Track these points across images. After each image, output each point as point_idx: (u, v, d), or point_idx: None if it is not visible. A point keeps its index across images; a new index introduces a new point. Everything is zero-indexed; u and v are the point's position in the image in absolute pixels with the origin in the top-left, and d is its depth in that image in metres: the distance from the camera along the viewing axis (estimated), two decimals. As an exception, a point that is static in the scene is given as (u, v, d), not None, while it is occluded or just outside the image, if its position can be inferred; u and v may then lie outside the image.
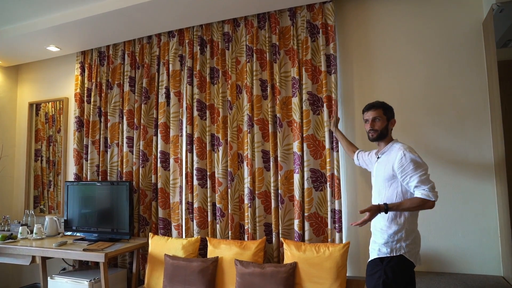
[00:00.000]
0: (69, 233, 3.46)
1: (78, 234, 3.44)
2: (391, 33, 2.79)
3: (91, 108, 3.71)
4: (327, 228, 2.80)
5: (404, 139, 2.53)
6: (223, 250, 2.84)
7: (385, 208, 1.94)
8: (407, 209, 1.96)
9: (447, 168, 2.58)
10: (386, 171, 2.05)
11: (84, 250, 2.85)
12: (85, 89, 3.78)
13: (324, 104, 2.81)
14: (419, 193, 1.92)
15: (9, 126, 4.27)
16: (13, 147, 4.29)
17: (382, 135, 2.13)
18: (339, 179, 2.71)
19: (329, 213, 2.75)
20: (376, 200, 2.13)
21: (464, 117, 2.57)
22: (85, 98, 3.77)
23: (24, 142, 4.22)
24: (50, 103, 4.12)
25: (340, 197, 2.70)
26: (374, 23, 2.85)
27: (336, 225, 2.70)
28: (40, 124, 4.21)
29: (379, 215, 2.03)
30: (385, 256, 1.99)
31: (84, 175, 3.71)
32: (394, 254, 1.97)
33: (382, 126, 2.12)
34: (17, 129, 4.33)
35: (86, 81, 3.80)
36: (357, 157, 2.52)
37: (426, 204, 1.92)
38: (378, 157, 2.18)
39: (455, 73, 2.61)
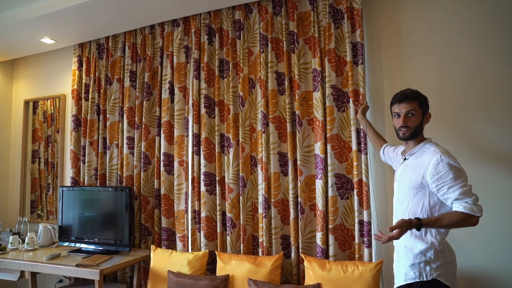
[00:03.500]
0: (64, 243, 3.14)
1: (73, 244, 3.11)
2: (428, 16, 2.41)
3: (89, 106, 3.38)
4: (354, 242, 2.43)
5: (445, 140, 2.18)
6: (234, 266, 2.48)
7: (418, 224, 1.58)
8: (446, 226, 1.60)
9: (497, 172, 2.20)
10: (414, 178, 1.70)
11: (77, 265, 2.52)
12: (83, 85, 3.46)
13: (350, 100, 2.44)
14: (461, 206, 1.57)
15: (4, 125, 3.97)
16: (8, 147, 3.99)
17: (416, 133, 1.77)
18: (368, 186, 2.34)
19: (356, 225, 2.38)
20: (398, 209, 1.80)
21: (517, 113, 2.18)
22: (83, 95, 3.45)
23: (20, 142, 3.91)
24: (49, 100, 3.82)
25: (369, 207, 2.34)
26: (408, 6, 2.46)
27: (365, 239, 2.34)
28: (38, 123, 3.90)
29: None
30: (414, 281, 1.65)
31: (81, 179, 3.38)
32: (425, 279, 1.63)
33: (417, 122, 1.75)
34: (12, 128, 4.03)
35: (84, 76, 3.48)
36: (383, 152, 2.16)
37: (468, 220, 1.57)
38: (404, 158, 1.83)
39: (506, 62, 2.21)
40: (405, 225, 1.57)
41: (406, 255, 1.71)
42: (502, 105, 2.21)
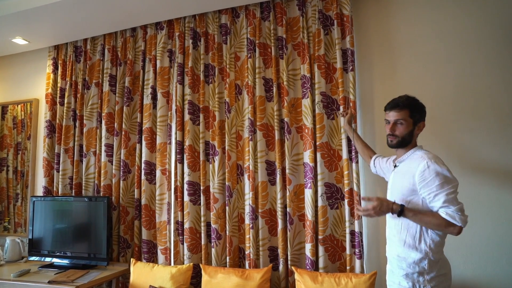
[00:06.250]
0: (34, 258, 2.92)
1: (45, 259, 2.90)
2: (417, 24, 2.41)
3: (65, 111, 3.19)
4: (344, 253, 2.37)
5: (433, 148, 2.15)
6: (220, 280, 2.36)
7: (399, 209, 1.58)
8: (426, 223, 1.57)
9: (485, 181, 2.19)
10: (404, 185, 1.66)
11: (49, 282, 2.33)
12: (58, 89, 3.28)
13: (341, 107, 2.40)
14: (444, 212, 1.53)
15: (-31, 132, 3.70)
16: (-27, 155, 3.72)
17: (404, 142, 1.73)
18: (359, 195, 2.29)
19: (347, 235, 2.31)
20: (391, 218, 1.75)
21: (505, 121, 2.19)
22: (58, 100, 3.26)
23: (-13, 149, 3.66)
24: (19, 105, 3.59)
25: (361, 217, 2.28)
26: (398, 13, 2.46)
27: (356, 250, 2.27)
28: (7, 129, 3.66)
29: (395, 238, 1.69)
30: None
31: (55, 189, 3.18)
32: None
33: (406, 131, 1.71)
34: (-22, 134, 3.76)
35: (59, 79, 3.29)
36: (374, 163, 2.11)
37: (449, 227, 1.53)
38: (395, 166, 1.79)
39: (494, 71, 2.23)
40: (385, 204, 1.60)
41: (399, 264, 1.66)
42: (491, 114, 2.22)
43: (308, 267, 2.35)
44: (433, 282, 1.59)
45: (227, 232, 2.56)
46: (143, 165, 2.86)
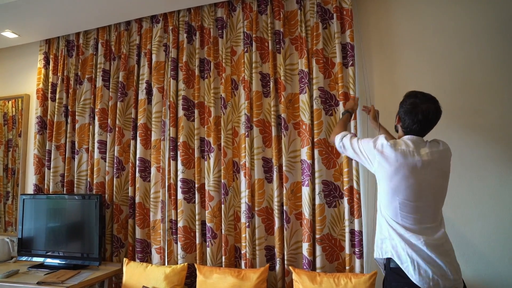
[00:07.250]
0: (24, 258, 2.84)
1: (35, 259, 2.82)
2: (419, 19, 2.35)
3: (56, 107, 3.11)
4: (342, 252, 2.31)
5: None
6: (216, 280, 2.29)
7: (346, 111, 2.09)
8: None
9: (487, 179, 2.14)
10: None
11: (38, 283, 2.26)
12: (49, 84, 3.19)
13: (340, 103, 2.34)
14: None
15: (-42, 128, 3.61)
16: (-38, 152, 3.63)
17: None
18: (359, 193, 2.22)
19: (346, 234, 2.25)
20: None
21: (508, 118, 2.14)
22: (49, 95, 3.17)
23: (-24, 146, 3.57)
24: (10, 101, 3.50)
25: (361, 215, 2.22)
26: (399, 6, 2.40)
27: (356, 250, 2.21)
28: (-3, 126, 3.57)
29: None
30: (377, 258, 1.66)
31: (46, 187, 3.10)
32: (381, 256, 1.61)
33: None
34: (-32, 131, 3.67)
35: (50, 74, 3.20)
36: None
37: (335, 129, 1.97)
38: None
39: (497, 67, 2.18)
40: (355, 104, 2.15)
41: None
42: (492, 110, 2.17)
43: (305, 267, 2.29)
44: (396, 250, 1.53)
45: (222, 231, 2.49)
46: (137, 162, 2.78)
